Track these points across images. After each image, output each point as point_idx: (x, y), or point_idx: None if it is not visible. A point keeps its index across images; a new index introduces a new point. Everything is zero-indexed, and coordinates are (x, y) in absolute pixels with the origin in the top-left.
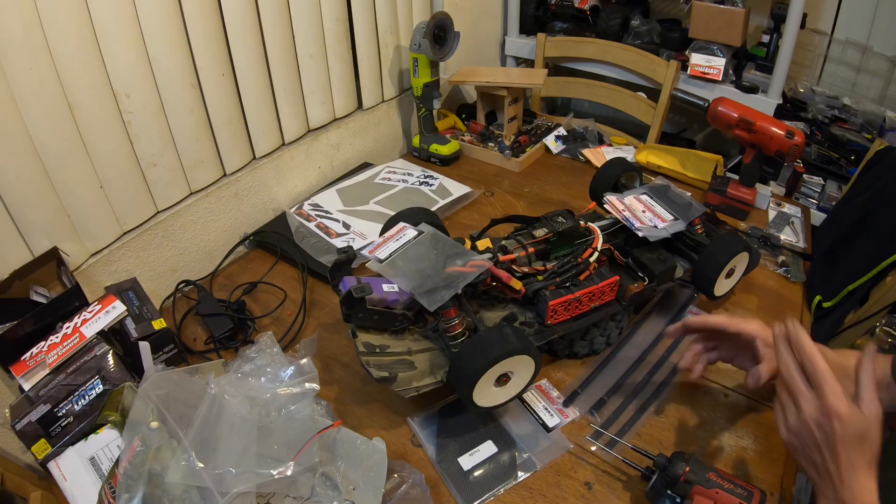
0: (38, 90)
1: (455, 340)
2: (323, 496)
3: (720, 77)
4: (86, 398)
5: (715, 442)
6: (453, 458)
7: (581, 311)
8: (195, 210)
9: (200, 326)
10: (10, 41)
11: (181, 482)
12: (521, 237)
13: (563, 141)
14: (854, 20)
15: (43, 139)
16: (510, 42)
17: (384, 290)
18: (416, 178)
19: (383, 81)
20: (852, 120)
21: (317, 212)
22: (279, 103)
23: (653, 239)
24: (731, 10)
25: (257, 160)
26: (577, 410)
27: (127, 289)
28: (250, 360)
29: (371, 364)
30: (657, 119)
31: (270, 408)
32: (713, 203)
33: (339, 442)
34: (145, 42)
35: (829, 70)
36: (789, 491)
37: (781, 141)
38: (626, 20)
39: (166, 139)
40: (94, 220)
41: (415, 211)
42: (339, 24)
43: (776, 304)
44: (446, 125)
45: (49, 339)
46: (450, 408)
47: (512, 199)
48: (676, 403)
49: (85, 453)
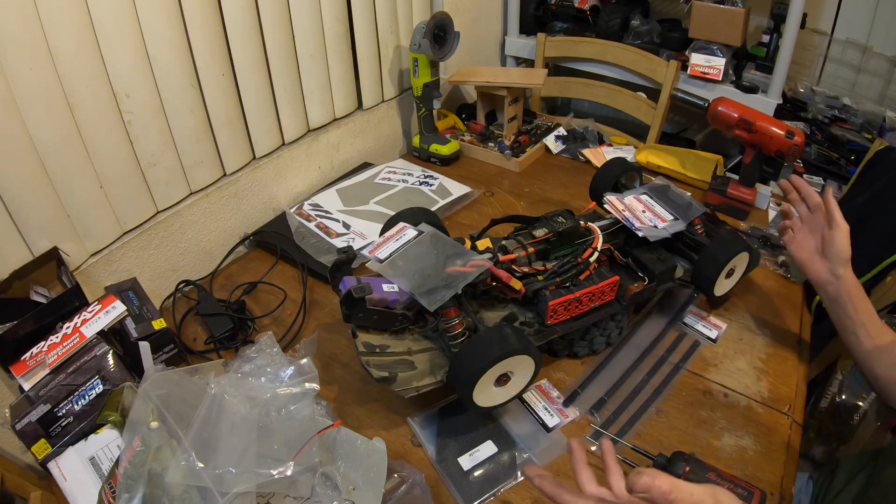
0: (38, 90)
1: (455, 340)
2: (323, 496)
3: (720, 77)
4: (86, 398)
5: (715, 442)
6: (453, 458)
7: (581, 311)
8: (195, 210)
9: (200, 326)
10: (10, 41)
11: (181, 482)
12: (521, 237)
13: (563, 141)
14: (854, 20)
15: (43, 139)
16: (510, 42)
17: (384, 290)
18: (416, 178)
19: (383, 81)
20: (852, 120)
21: (317, 212)
22: (279, 103)
23: (653, 239)
24: (731, 10)
25: (257, 160)
26: (577, 410)
27: (127, 289)
28: (250, 360)
29: (371, 364)
30: (657, 119)
31: (270, 408)
32: (713, 203)
33: (339, 442)
34: (145, 42)
35: (829, 70)
36: (789, 491)
37: (781, 141)
38: (626, 20)
39: (166, 139)
40: (94, 220)
41: (415, 211)
42: (339, 24)
43: (776, 304)
44: (446, 125)
45: (49, 339)
46: (450, 408)
47: (512, 199)
48: (676, 403)
49: (85, 453)
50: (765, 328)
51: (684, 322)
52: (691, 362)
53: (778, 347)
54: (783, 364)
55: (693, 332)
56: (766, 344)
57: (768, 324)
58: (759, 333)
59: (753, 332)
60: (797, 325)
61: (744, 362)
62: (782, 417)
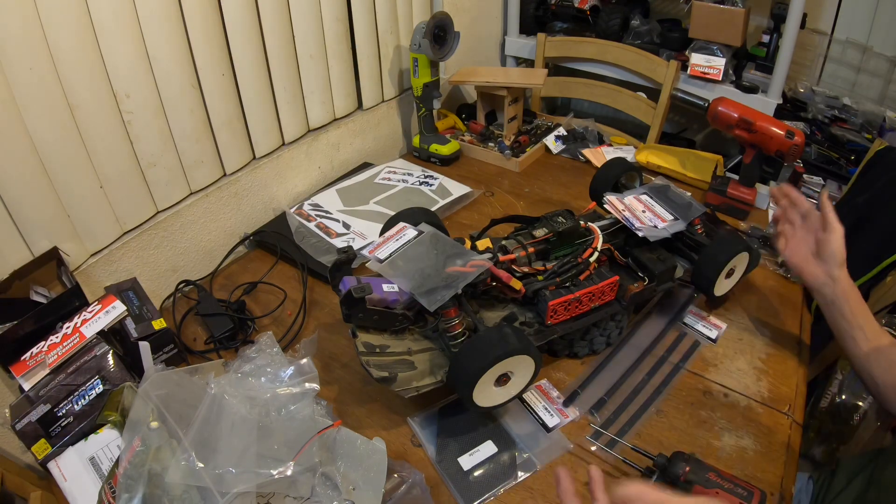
0: (38, 90)
1: (455, 340)
2: (323, 496)
3: (720, 77)
4: (86, 398)
5: (715, 442)
6: (453, 458)
7: (581, 311)
8: (195, 210)
9: (200, 326)
10: (10, 41)
11: (181, 482)
12: (521, 237)
13: (563, 141)
14: (854, 20)
15: (43, 139)
16: (510, 42)
17: (384, 290)
18: (416, 178)
19: (383, 81)
20: (852, 120)
21: (317, 212)
22: (279, 103)
23: (653, 239)
24: (731, 10)
25: (257, 160)
26: (577, 410)
27: (127, 289)
28: (250, 360)
29: (371, 364)
30: (657, 119)
31: (270, 408)
32: (713, 203)
33: (339, 442)
34: (145, 42)
35: (829, 70)
36: (789, 491)
37: (781, 141)
38: (626, 20)
39: (166, 139)
40: (94, 219)
41: (415, 211)
42: (339, 24)
43: (776, 304)
44: (446, 125)
45: (49, 339)
46: (450, 408)
47: (512, 199)
48: (676, 403)
49: (85, 453)
50: (765, 328)
51: (684, 322)
52: (691, 362)
53: (778, 347)
54: (783, 364)
55: (693, 332)
56: (766, 344)
57: (768, 324)
58: (759, 333)
59: (753, 332)
60: (797, 325)
61: (744, 362)
62: (782, 417)
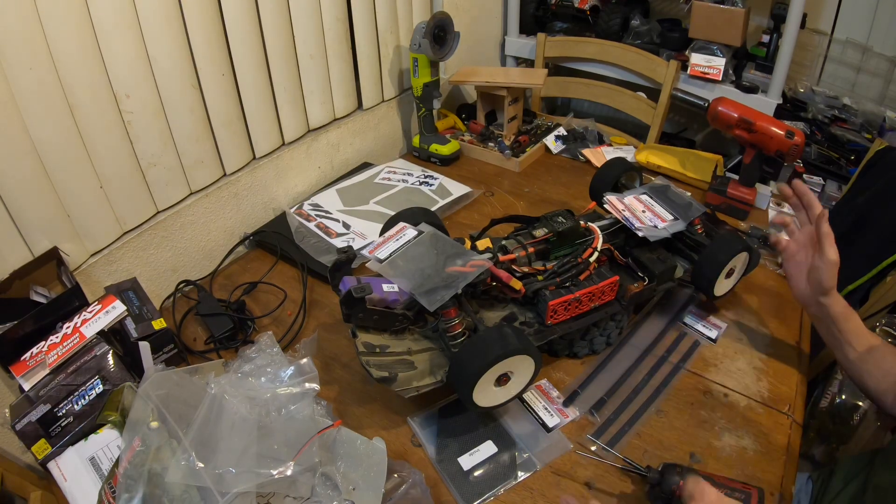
0: (38, 90)
1: (455, 340)
2: (323, 496)
3: (720, 77)
4: (86, 398)
5: (715, 442)
6: (453, 458)
7: (581, 311)
8: (195, 210)
9: (200, 326)
10: (10, 41)
11: (181, 482)
12: (521, 237)
13: (563, 141)
14: (854, 20)
15: (43, 139)
16: (510, 42)
17: (384, 290)
18: (416, 178)
19: (383, 81)
20: (852, 120)
21: (317, 212)
22: (279, 103)
23: (653, 239)
24: (731, 10)
25: (257, 160)
26: (577, 410)
27: (127, 289)
28: (250, 360)
29: (371, 364)
30: (657, 119)
31: (270, 408)
32: (713, 203)
33: (339, 442)
34: (145, 42)
35: (829, 70)
36: (789, 491)
37: (781, 141)
38: (626, 20)
39: (166, 139)
40: (94, 219)
41: (415, 211)
42: (339, 24)
43: (776, 304)
44: (446, 125)
45: (49, 339)
46: (450, 408)
47: (512, 199)
48: (676, 403)
49: (85, 453)
50: (765, 328)
51: (684, 322)
52: (691, 362)
53: (778, 347)
54: (783, 364)
55: (693, 331)
56: (766, 344)
57: (768, 324)
58: (759, 333)
59: (753, 332)
60: (797, 324)
61: (744, 362)
62: (782, 417)
